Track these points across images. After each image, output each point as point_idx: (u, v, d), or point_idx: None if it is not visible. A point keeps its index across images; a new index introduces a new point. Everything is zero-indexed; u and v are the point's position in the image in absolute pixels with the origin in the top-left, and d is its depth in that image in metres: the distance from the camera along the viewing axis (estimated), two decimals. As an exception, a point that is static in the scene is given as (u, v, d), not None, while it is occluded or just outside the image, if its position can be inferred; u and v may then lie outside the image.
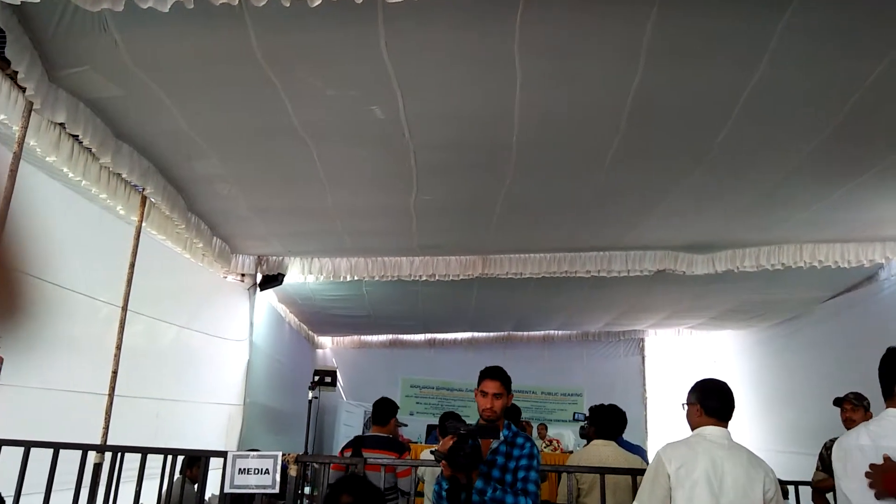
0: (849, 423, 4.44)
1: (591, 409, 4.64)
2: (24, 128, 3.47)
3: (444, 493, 3.07)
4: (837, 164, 4.94)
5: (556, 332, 13.47)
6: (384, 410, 5.13)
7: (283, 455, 3.95)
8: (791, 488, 4.90)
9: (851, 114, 4.04)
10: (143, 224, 5.18)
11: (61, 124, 3.78)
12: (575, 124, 4.34)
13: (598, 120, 4.25)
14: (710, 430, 2.92)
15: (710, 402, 2.98)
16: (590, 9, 3.17)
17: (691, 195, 5.55)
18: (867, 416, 4.44)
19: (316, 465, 5.45)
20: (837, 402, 4.53)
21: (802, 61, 3.56)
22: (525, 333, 13.59)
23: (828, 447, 4.61)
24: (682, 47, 3.46)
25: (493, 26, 3.27)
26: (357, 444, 4.97)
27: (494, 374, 3.27)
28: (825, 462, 4.57)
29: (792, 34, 3.29)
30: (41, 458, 3.84)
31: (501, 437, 3.18)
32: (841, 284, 8.39)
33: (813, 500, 4.54)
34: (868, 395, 4.50)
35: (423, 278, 7.66)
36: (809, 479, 4.61)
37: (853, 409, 4.43)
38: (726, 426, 2.93)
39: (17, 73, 3.20)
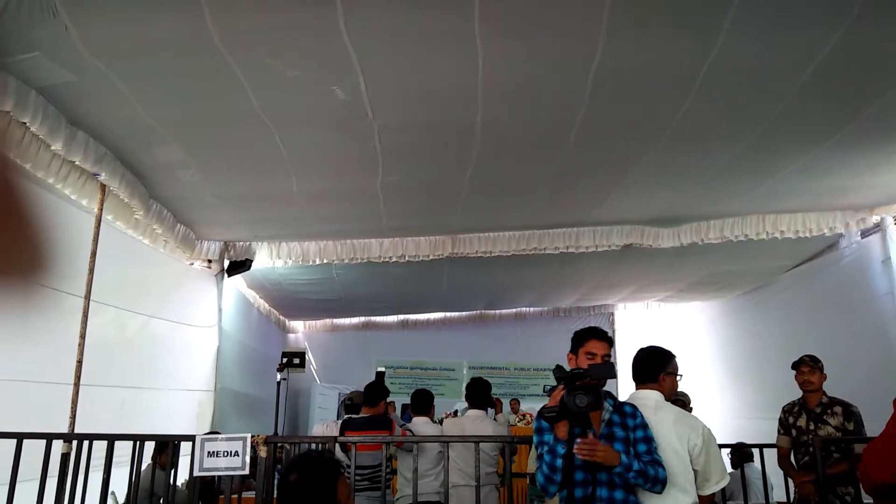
0: (806, 385, 4.56)
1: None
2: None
3: (559, 462, 2.61)
4: (797, 135, 5.01)
5: (528, 308, 13.60)
6: (375, 393, 5.31)
7: (252, 437, 3.95)
8: (756, 451, 5.05)
9: (809, 84, 4.09)
10: (103, 213, 5.09)
11: (8, 112, 3.68)
12: (538, 101, 4.34)
13: (561, 96, 4.26)
14: (639, 394, 3.06)
15: (632, 370, 3.15)
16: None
17: (656, 169, 5.61)
18: (822, 377, 4.57)
19: (288, 447, 5.48)
20: (794, 365, 4.65)
21: (761, 31, 3.59)
22: (497, 312, 13.70)
23: (785, 410, 4.75)
24: (642, 21, 3.48)
25: (453, 3, 3.25)
26: (343, 427, 5.13)
27: (603, 334, 2.90)
28: (784, 424, 4.71)
29: (750, 4, 3.32)
30: (5, 448, 3.80)
31: (608, 406, 2.80)
32: (803, 253, 8.57)
33: (779, 462, 4.68)
34: (825, 359, 4.63)
35: (394, 259, 7.66)
36: (774, 441, 4.74)
37: (810, 370, 4.55)
38: (655, 388, 3.05)
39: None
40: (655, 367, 3.08)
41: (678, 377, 3.14)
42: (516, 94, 4.24)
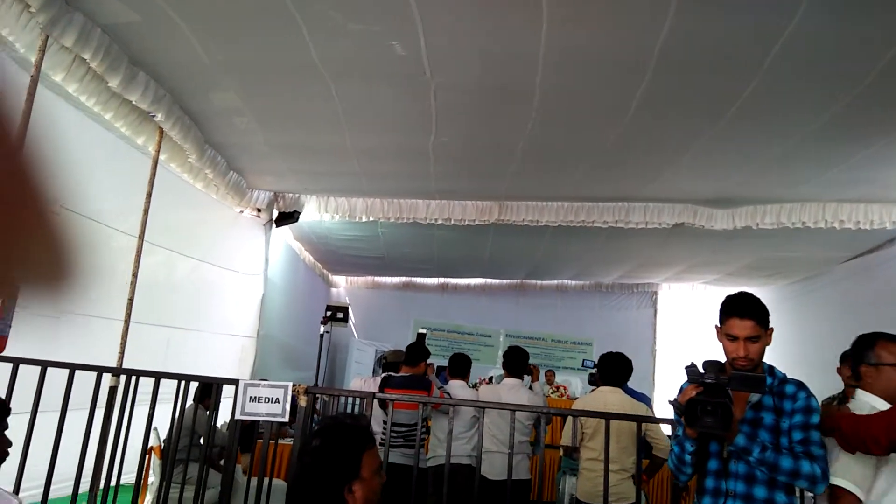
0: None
1: (600, 357, 4.65)
2: (42, 50, 3.43)
3: (687, 458, 2.32)
4: (866, 123, 4.80)
5: (570, 281, 13.47)
6: (416, 353, 5.33)
7: (294, 386, 4.01)
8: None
9: (885, 72, 3.90)
10: (158, 155, 5.18)
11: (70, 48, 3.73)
12: (600, 69, 4.22)
13: (624, 65, 4.14)
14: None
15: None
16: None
17: (715, 148, 5.43)
18: None
19: (325, 398, 5.57)
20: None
21: (840, 13, 3.42)
22: (538, 282, 13.60)
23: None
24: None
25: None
26: (383, 384, 5.14)
27: (745, 309, 2.28)
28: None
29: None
30: (57, 378, 3.94)
31: (766, 388, 2.29)
32: (861, 246, 8.27)
33: None
34: None
35: (439, 222, 7.63)
36: None
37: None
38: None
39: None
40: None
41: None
42: (578, 60, 4.13)
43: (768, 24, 3.58)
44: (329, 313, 9.36)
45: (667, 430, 4.00)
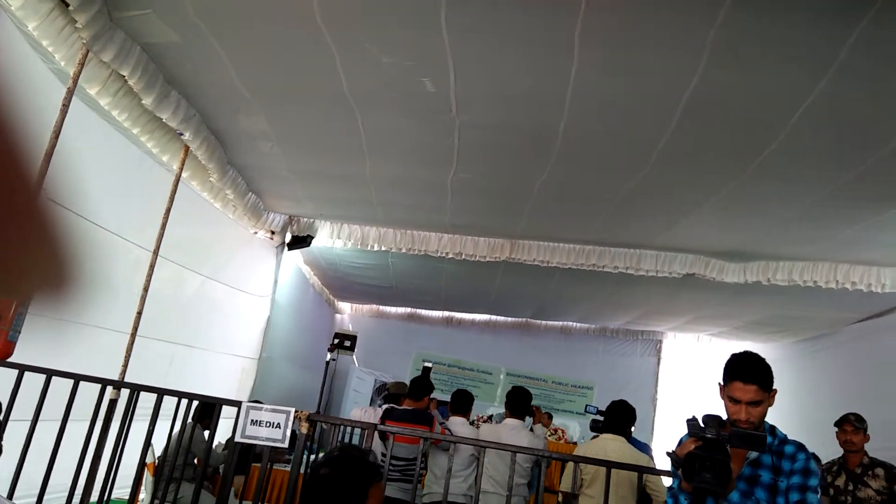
0: (847, 445, 4.39)
1: (609, 405, 4.62)
2: (81, 64, 3.49)
3: None
4: (887, 186, 4.81)
5: (575, 324, 13.41)
6: (420, 387, 5.31)
7: (296, 412, 3.98)
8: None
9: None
10: (181, 172, 5.23)
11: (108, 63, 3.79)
12: (626, 116, 4.27)
13: (650, 114, 4.18)
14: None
15: None
16: (658, 1, 3.10)
17: (734, 201, 5.45)
18: (866, 438, 4.39)
19: (325, 426, 5.53)
20: (838, 423, 4.48)
21: (870, 76, 3.46)
22: (543, 322, 13.55)
23: (824, 469, 4.58)
24: (748, 49, 3.38)
25: (559, 9, 3.21)
26: (385, 416, 5.10)
27: (750, 374, 2.27)
28: (822, 485, 4.54)
29: (863, 47, 3.19)
30: (56, 387, 3.92)
31: (766, 447, 2.26)
32: (871, 308, 8.22)
33: None
34: (873, 419, 4.45)
35: (450, 256, 7.65)
36: None
37: (853, 430, 4.38)
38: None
39: (67, 4, 3.19)
40: None
41: None
42: (605, 106, 4.17)
43: (798, 84, 3.62)
44: (337, 341, 9.33)
45: (668, 482, 3.95)
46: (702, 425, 2.18)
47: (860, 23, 3.03)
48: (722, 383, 2.36)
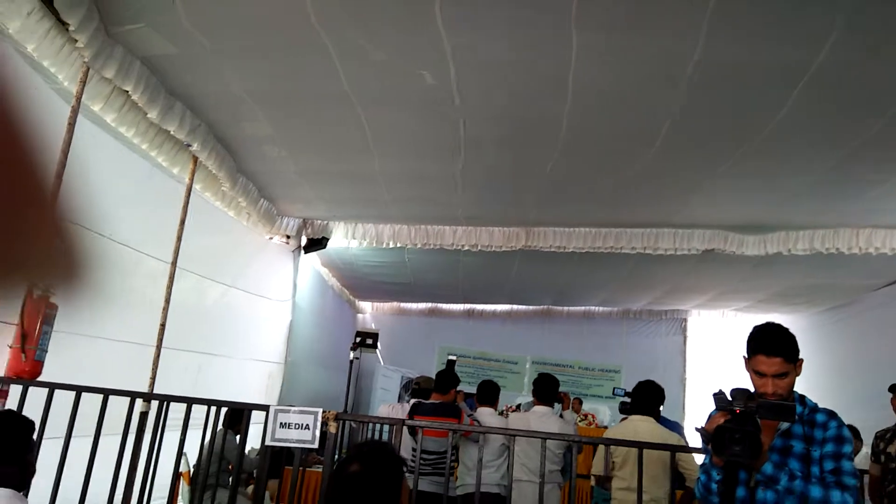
0: None
1: (635, 386, 4.59)
2: (83, 82, 3.52)
3: (713, 486, 2.26)
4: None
5: (597, 308, 13.35)
6: (446, 380, 5.31)
7: (323, 412, 4.00)
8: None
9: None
10: (192, 183, 5.27)
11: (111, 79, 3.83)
12: (629, 98, 4.23)
13: (653, 94, 4.14)
14: None
15: None
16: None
17: (746, 174, 5.39)
18: None
19: (353, 424, 5.56)
20: (892, 387, 4.39)
21: (870, 41, 3.39)
22: (565, 308, 13.49)
23: (878, 436, 4.50)
24: (746, 23, 3.33)
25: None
26: (412, 411, 5.11)
27: (773, 346, 2.25)
28: (875, 451, 4.46)
29: (862, 11, 3.13)
30: (89, 402, 3.97)
31: (795, 417, 2.23)
32: (895, 273, 8.10)
33: (869, 491, 4.44)
34: None
35: (466, 248, 7.64)
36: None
37: None
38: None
39: (67, 24, 3.22)
40: None
41: None
42: (608, 89, 4.14)
43: (798, 54, 3.56)
44: (359, 339, 9.37)
45: (700, 459, 3.92)
46: (729, 398, 2.16)
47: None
48: (746, 357, 2.33)
